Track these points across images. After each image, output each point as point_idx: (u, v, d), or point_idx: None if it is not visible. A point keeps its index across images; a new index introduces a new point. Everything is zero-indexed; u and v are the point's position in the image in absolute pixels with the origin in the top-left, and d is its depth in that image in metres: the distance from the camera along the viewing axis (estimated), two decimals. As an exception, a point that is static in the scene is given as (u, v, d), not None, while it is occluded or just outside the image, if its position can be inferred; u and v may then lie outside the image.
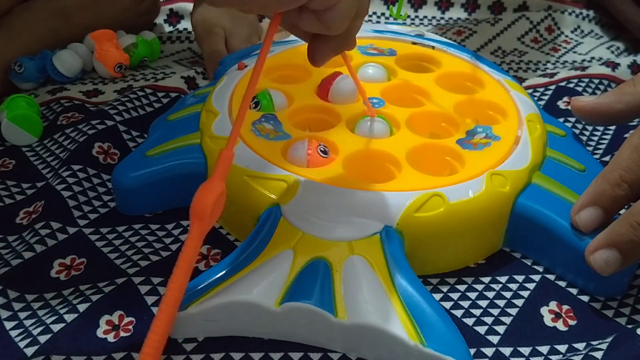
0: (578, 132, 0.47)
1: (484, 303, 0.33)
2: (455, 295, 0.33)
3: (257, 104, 0.40)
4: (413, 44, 0.49)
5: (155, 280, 0.33)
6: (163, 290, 0.32)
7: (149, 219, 0.38)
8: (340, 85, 0.41)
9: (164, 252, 0.36)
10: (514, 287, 0.34)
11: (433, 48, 0.49)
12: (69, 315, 0.31)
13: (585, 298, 0.33)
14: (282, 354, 0.30)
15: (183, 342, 0.30)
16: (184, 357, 0.29)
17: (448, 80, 0.44)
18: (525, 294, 0.33)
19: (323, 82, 0.42)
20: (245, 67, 0.45)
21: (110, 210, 0.39)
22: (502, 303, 0.33)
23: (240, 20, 0.60)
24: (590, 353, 0.29)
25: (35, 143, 0.47)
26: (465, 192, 0.33)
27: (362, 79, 0.43)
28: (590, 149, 0.46)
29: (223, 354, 0.30)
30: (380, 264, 0.31)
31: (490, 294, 0.33)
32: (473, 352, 0.30)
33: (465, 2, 0.74)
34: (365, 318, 0.28)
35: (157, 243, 0.36)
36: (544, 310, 0.32)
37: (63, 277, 0.34)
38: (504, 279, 0.34)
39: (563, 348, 0.30)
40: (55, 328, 0.30)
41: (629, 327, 0.30)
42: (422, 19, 0.74)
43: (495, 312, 0.32)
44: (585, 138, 0.47)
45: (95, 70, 0.56)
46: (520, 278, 0.34)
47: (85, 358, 0.29)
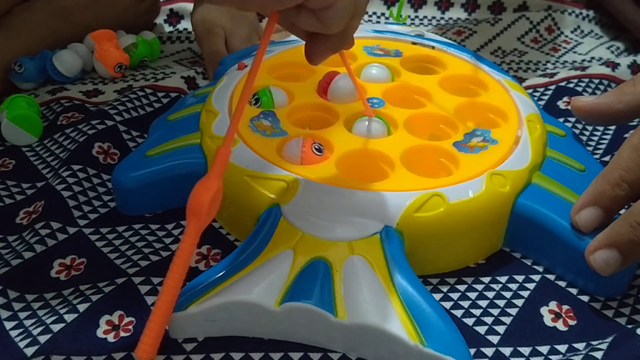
0: (578, 132, 0.47)
1: (484, 303, 0.33)
2: (455, 295, 0.33)
3: (257, 101, 0.40)
4: (413, 44, 0.49)
5: (155, 280, 0.33)
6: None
7: (149, 219, 0.38)
8: (339, 84, 0.41)
9: (164, 252, 0.36)
10: (514, 287, 0.34)
11: (433, 48, 0.49)
12: (69, 315, 0.31)
13: (585, 298, 0.33)
14: (282, 354, 0.30)
15: (183, 342, 0.30)
16: (184, 357, 0.29)
17: (451, 83, 0.44)
18: (525, 294, 0.33)
19: (322, 80, 0.42)
20: (245, 67, 0.45)
21: (110, 210, 0.39)
22: (502, 303, 0.33)
23: (240, 20, 0.60)
24: (590, 353, 0.29)
25: (35, 143, 0.47)
26: (465, 192, 0.33)
27: (365, 79, 0.43)
28: (590, 149, 0.46)
29: (223, 354, 0.30)
30: (380, 264, 0.31)
31: (490, 294, 0.33)
32: (473, 352, 0.30)
33: (465, 2, 0.74)
34: (365, 318, 0.28)
35: (157, 243, 0.36)
36: (544, 310, 0.32)
37: (63, 277, 0.34)
38: (504, 279, 0.34)
39: (563, 348, 0.30)
40: (55, 328, 0.30)
41: (629, 327, 0.30)
42: (422, 19, 0.74)
43: (495, 312, 0.32)
44: (585, 138, 0.47)
45: (95, 70, 0.56)
46: (520, 278, 0.34)
47: (85, 358, 0.29)
